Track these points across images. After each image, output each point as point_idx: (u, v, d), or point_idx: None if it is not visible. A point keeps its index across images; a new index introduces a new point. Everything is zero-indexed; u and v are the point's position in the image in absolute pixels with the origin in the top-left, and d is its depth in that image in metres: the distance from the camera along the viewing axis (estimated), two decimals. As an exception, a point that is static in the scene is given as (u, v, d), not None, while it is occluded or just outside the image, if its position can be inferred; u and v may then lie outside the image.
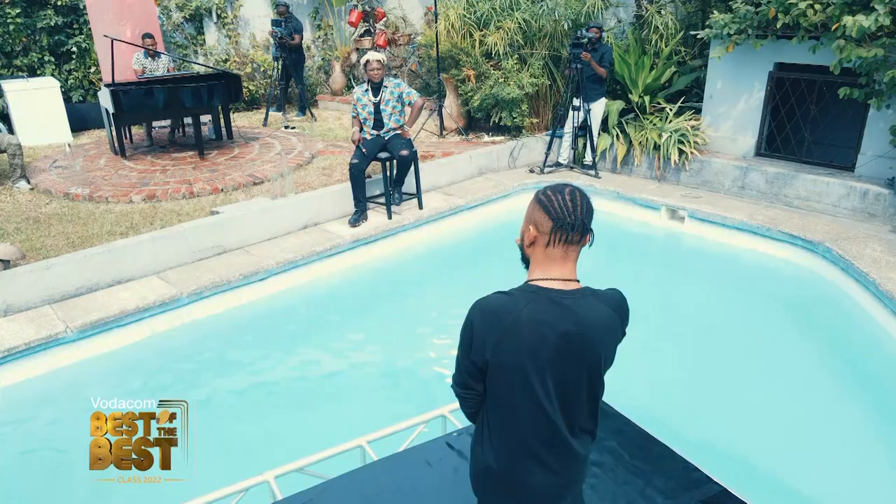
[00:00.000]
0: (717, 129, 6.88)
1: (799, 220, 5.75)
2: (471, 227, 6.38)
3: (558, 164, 7.44)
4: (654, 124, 7.04)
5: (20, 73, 8.50)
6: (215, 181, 6.27)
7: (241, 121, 9.01)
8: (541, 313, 1.58)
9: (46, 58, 8.74)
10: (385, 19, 9.54)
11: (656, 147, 6.93)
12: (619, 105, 7.32)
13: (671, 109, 7.01)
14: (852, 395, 3.97)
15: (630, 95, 7.34)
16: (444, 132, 8.08)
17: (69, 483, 3.26)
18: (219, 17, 9.73)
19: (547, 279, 1.63)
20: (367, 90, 5.76)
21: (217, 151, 7.35)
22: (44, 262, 4.52)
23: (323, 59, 10.35)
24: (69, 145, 7.61)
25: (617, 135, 7.30)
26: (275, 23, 8.64)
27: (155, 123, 7.96)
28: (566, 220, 1.59)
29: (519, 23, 7.36)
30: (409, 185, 6.21)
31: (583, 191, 1.66)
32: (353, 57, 9.74)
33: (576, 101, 7.07)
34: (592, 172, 7.15)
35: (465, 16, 7.52)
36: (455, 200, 6.44)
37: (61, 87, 8.27)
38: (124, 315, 4.32)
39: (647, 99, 7.20)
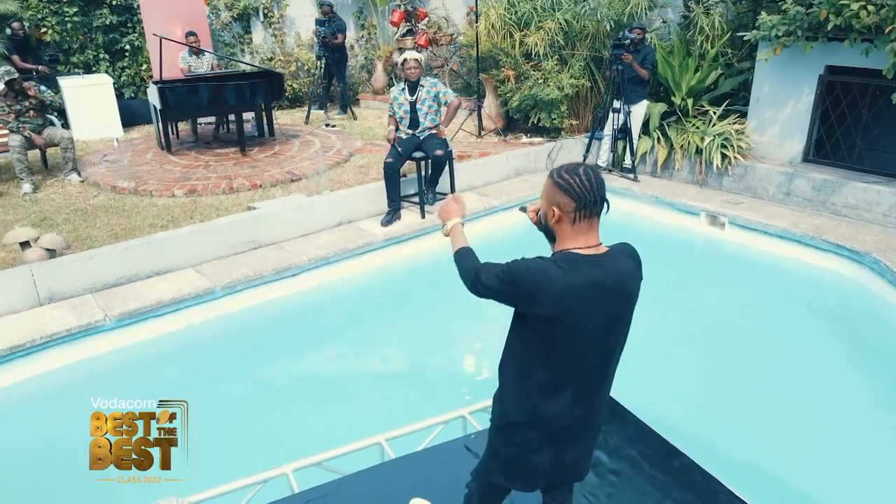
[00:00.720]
0: (763, 133, 6.68)
1: (846, 229, 5.53)
2: (506, 227, 6.33)
3: (597, 167, 7.33)
4: (697, 128, 6.87)
5: (77, 70, 8.85)
6: (254, 177, 6.41)
7: (284, 118, 9.17)
8: (589, 277, 1.75)
9: (101, 55, 9.08)
10: (427, 19, 9.57)
11: (698, 151, 6.77)
12: (660, 107, 7.18)
13: (715, 113, 6.84)
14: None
15: (673, 98, 7.19)
16: (483, 132, 8.06)
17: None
18: (265, 16, 9.93)
19: (579, 247, 1.79)
20: (403, 89, 5.80)
21: (258, 148, 7.51)
22: (87, 252, 4.69)
23: (366, 58, 10.45)
24: (117, 140, 7.89)
25: (658, 138, 7.15)
26: (318, 22, 8.77)
27: (200, 120, 8.18)
28: (588, 198, 1.75)
29: (560, 23, 7.28)
30: (444, 184, 6.22)
31: (594, 168, 1.89)
32: (396, 56, 9.80)
33: (616, 103, 6.95)
34: (631, 176, 7.03)
35: (505, 16, 7.48)
36: (490, 201, 6.42)
37: (114, 83, 8.57)
38: (160, 306, 4.46)
39: (690, 102, 7.03)
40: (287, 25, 10.15)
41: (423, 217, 5.93)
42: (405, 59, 5.67)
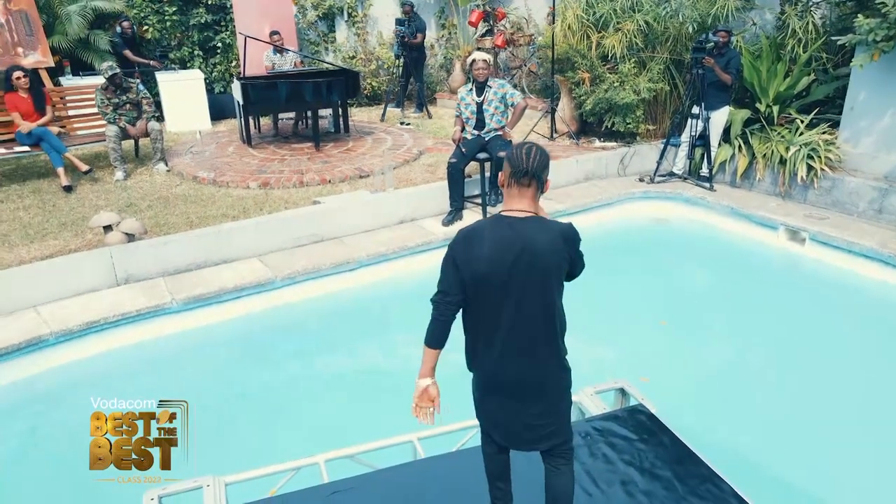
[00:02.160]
0: (857, 144, 6.22)
1: (943, 252, 5.08)
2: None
3: (672, 174, 7.07)
4: (783, 136, 6.50)
5: (173, 66, 9.40)
6: (325, 172, 6.59)
7: (361, 115, 9.39)
8: (498, 233, 2.08)
9: (196, 52, 9.61)
10: (505, 19, 9.52)
11: (782, 161, 6.40)
12: (744, 114, 6.83)
13: (802, 121, 6.43)
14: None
15: (757, 104, 6.82)
16: (556, 135, 7.94)
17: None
18: (350, 15, 10.19)
19: (508, 210, 2.13)
20: (471, 90, 5.81)
21: (333, 144, 7.72)
22: (162, 237, 4.99)
23: (445, 57, 10.53)
24: (200, 133, 8.32)
25: (739, 146, 6.81)
26: (399, 22, 8.92)
27: (281, 115, 8.50)
28: (517, 167, 2.09)
29: (640, 25, 7.06)
30: (508, 186, 6.17)
31: (542, 149, 2.14)
32: (474, 56, 9.81)
33: (695, 109, 6.68)
34: (707, 185, 6.73)
35: (582, 17, 7.33)
36: (554, 205, 6.32)
37: (205, 79, 9.05)
38: (223, 292, 4.68)
39: (776, 109, 6.65)
40: (370, 24, 10.38)
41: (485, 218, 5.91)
42: (473, 60, 5.67)
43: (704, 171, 6.87)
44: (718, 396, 3.97)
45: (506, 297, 2.07)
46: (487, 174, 5.97)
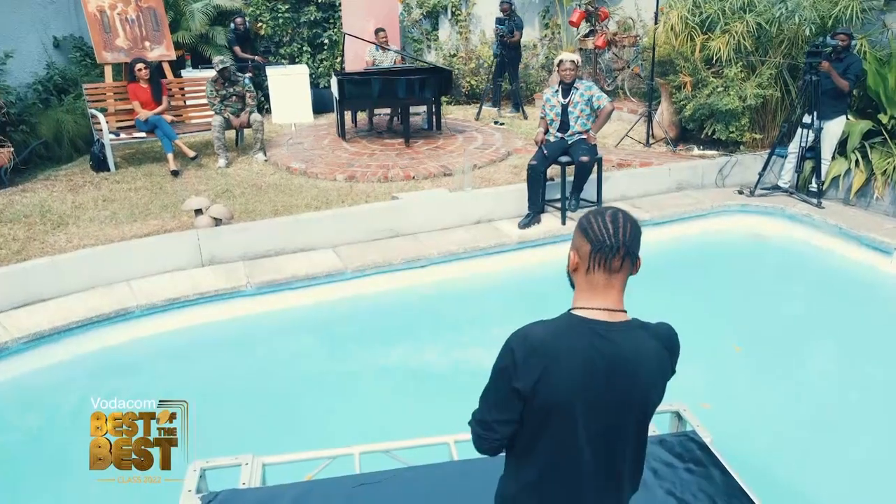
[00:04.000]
0: None
1: None
2: (651, 243, 5.90)
3: (776, 187, 6.56)
4: (908, 152, 5.86)
5: (282, 61, 9.88)
6: (410, 169, 6.68)
7: (458, 113, 9.44)
8: (586, 347, 1.46)
9: (305, 48, 10.05)
10: (608, 19, 9.22)
11: (905, 179, 5.78)
12: (864, 125, 6.22)
13: (932, 135, 5.77)
14: None
15: (881, 115, 6.18)
16: (652, 141, 7.60)
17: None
18: (453, 14, 10.26)
19: (591, 308, 1.51)
20: (556, 91, 5.68)
21: (423, 141, 7.81)
22: (243, 224, 5.25)
23: (547, 57, 10.35)
24: (294, 125, 8.70)
25: (856, 160, 6.21)
26: (498, 21, 8.87)
27: (377, 110, 8.71)
28: (605, 243, 1.48)
29: (750, 26, 6.59)
30: (591, 192, 5.99)
31: (629, 214, 1.54)
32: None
33: (807, 118, 6.16)
34: (815, 201, 6.19)
35: (687, 17, 6.94)
36: (640, 214, 6.05)
37: (311, 73, 9.43)
38: (295, 280, 4.85)
39: (902, 121, 6.01)
40: (473, 23, 10.40)
41: (564, 223, 5.76)
42: (561, 60, 5.54)
43: (813, 185, 6.33)
44: (788, 435, 3.63)
45: (588, 431, 1.50)
46: (569, 178, 5.82)
